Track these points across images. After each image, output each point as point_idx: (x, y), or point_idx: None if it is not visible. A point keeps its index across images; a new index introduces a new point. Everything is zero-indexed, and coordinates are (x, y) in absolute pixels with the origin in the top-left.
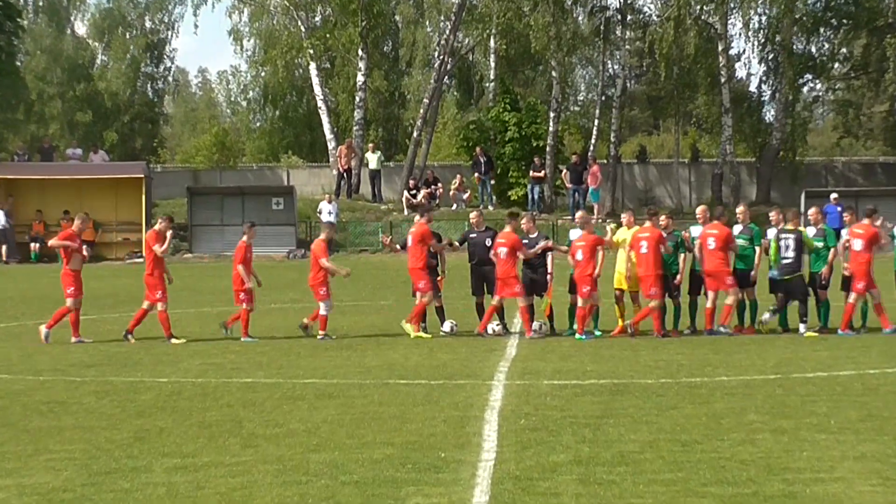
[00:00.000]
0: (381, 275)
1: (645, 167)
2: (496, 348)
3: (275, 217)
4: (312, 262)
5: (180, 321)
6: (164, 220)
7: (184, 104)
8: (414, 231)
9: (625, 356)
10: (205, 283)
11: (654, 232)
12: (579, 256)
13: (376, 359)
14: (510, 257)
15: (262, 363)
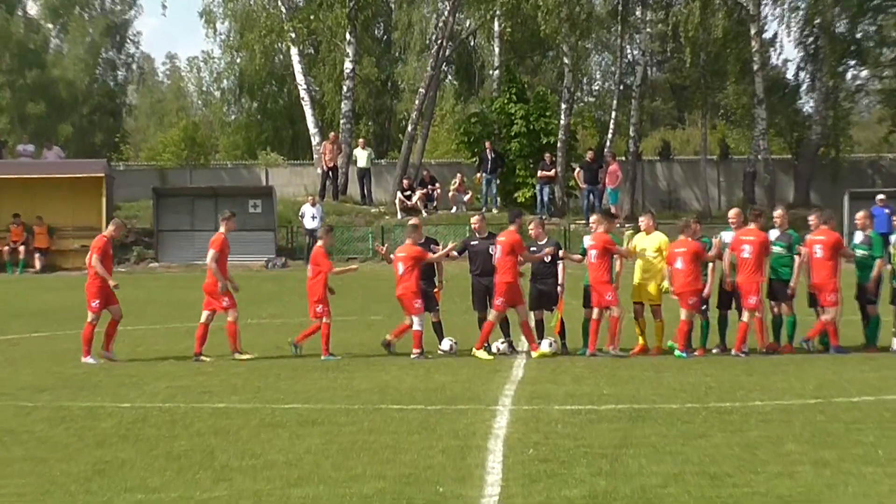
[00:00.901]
0: (371, 287)
1: (668, 165)
2: (501, 369)
3: (252, 221)
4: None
5: (145, 338)
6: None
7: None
8: (503, 240)
9: (646, 378)
10: (173, 295)
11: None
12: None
13: (366, 381)
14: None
15: (236, 386)
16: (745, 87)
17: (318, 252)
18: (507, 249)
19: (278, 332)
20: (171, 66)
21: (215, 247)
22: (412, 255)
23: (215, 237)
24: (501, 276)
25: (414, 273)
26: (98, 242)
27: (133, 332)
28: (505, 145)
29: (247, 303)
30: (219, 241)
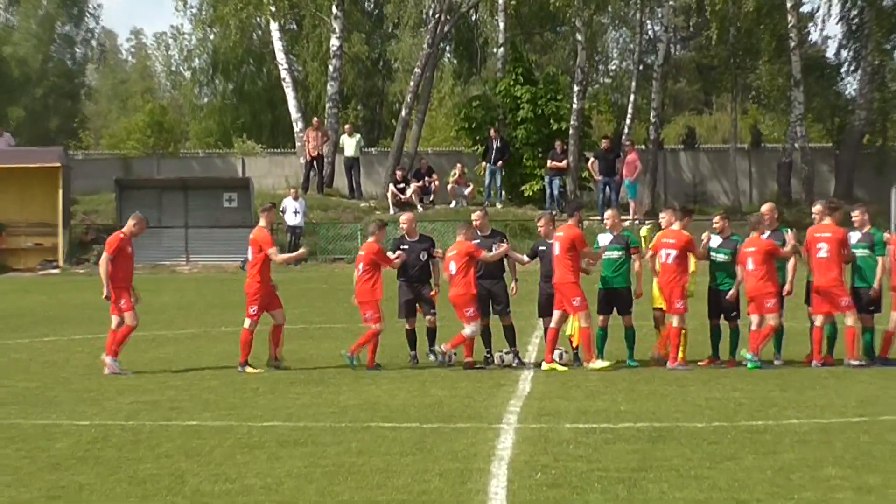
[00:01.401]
0: None
1: (694, 154)
2: (505, 383)
3: (226, 217)
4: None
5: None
6: None
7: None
8: (561, 235)
9: (668, 393)
10: None
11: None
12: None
13: (354, 396)
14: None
15: (209, 402)
16: (779, 66)
17: (373, 249)
18: (566, 246)
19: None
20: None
21: (268, 243)
22: (466, 253)
23: (261, 233)
24: (563, 277)
25: (469, 274)
26: (112, 240)
27: (93, 341)
28: (510, 132)
29: (220, 308)
30: (268, 237)
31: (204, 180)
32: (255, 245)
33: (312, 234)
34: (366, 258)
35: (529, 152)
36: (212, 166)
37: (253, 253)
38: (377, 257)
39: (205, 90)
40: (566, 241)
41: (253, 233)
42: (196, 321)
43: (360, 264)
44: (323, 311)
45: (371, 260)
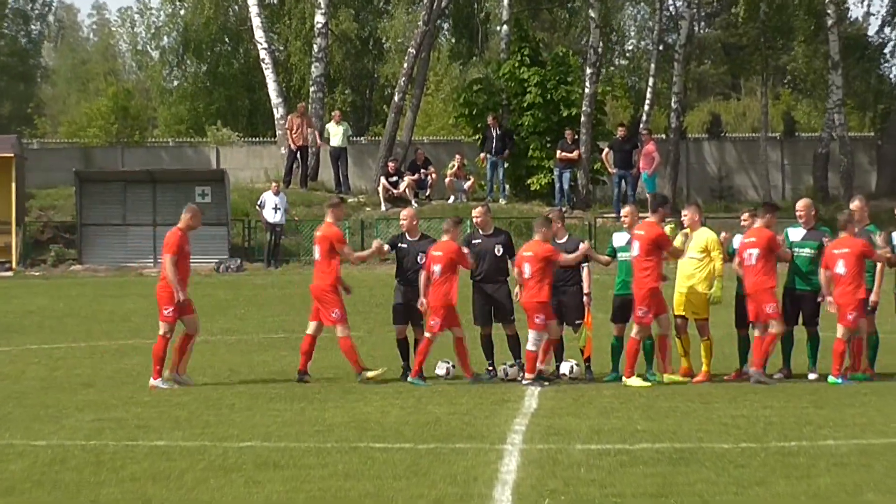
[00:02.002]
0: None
1: (719, 144)
2: (509, 399)
3: None
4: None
5: (66, 359)
6: None
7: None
8: (642, 234)
9: (690, 410)
10: (100, 306)
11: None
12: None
13: (341, 413)
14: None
15: (179, 419)
16: (815, 46)
17: (452, 249)
18: (648, 246)
19: (232, 350)
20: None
21: (341, 241)
22: (542, 255)
23: (330, 230)
24: (642, 281)
25: (544, 279)
26: (171, 238)
27: (50, 352)
28: (515, 119)
29: None
30: (340, 234)
31: (174, 173)
32: (324, 243)
33: (294, 232)
34: (444, 258)
35: (536, 142)
36: (183, 157)
37: (321, 252)
38: (457, 258)
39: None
40: (647, 241)
41: (321, 229)
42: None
43: (437, 265)
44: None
45: (450, 261)
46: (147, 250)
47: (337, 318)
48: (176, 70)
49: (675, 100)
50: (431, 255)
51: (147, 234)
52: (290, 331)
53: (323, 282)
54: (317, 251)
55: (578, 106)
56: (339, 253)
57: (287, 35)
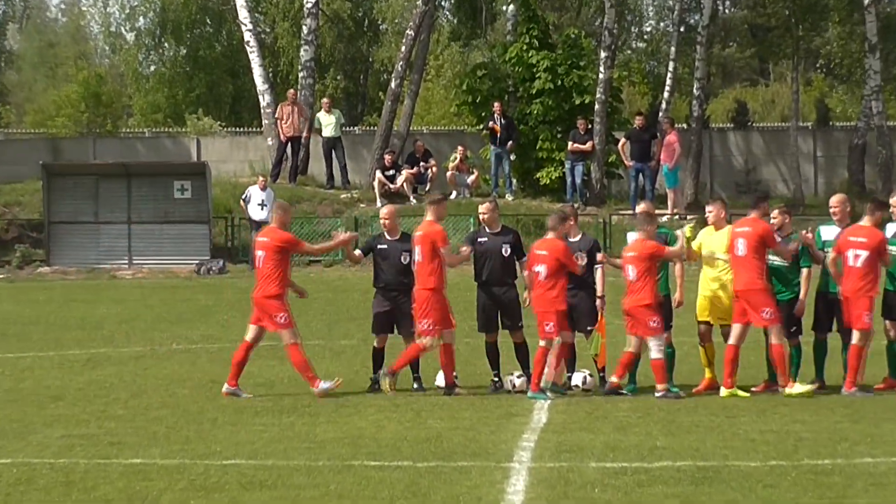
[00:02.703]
0: (339, 301)
1: (746, 135)
2: (517, 413)
3: (178, 210)
4: None
5: (33, 370)
6: None
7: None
8: (747, 231)
9: (715, 425)
10: (70, 311)
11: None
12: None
13: (333, 428)
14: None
15: (157, 435)
16: (851, 28)
17: (560, 248)
18: (755, 244)
19: (214, 360)
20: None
21: (445, 241)
22: (648, 253)
23: (434, 228)
24: (750, 283)
25: (651, 279)
26: (277, 237)
27: (16, 362)
28: (523, 108)
29: (170, 322)
30: (444, 234)
31: (150, 166)
32: (425, 243)
33: None
34: (550, 259)
35: (546, 132)
36: (160, 148)
37: (423, 252)
38: (565, 258)
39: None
40: (754, 238)
41: (421, 228)
42: (141, 337)
43: (541, 266)
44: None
45: (557, 262)
46: (121, 250)
47: (425, 330)
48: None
49: (698, 86)
50: (535, 254)
51: (121, 233)
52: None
53: (424, 286)
54: (418, 252)
55: (592, 93)
56: (438, 254)
57: (274, 15)
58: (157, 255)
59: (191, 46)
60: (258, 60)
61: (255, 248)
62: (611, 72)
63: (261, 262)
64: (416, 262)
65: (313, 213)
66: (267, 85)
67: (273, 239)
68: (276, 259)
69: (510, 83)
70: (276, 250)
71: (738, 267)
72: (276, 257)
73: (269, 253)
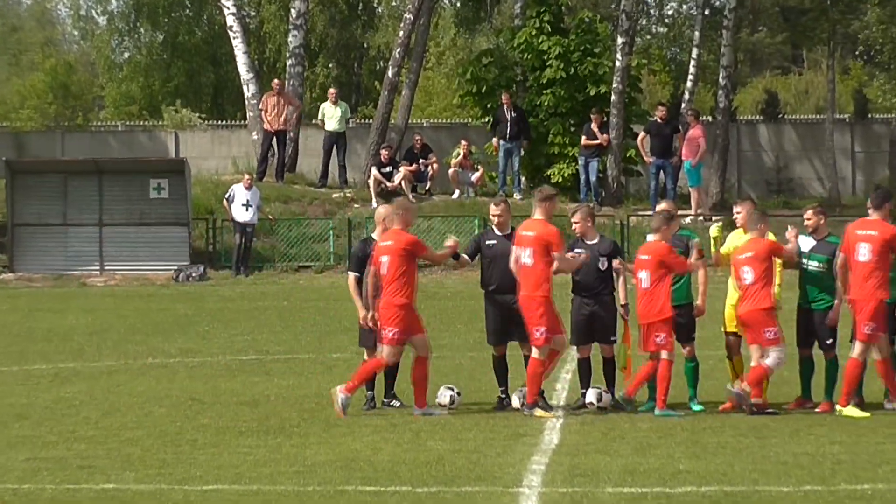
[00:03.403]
0: (332, 309)
1: (777, 128)
2: (526, 433)
3: (155, 211)
4: None
5: None
6: None
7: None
8: (873, 234)
9: (744, 447)
10: (35, 322)
11: None
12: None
13: (325, 450)
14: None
15: (131, 458)
16: (893, 10)
17: (664, 250)
18: (881, 248)
19: (193, 376)
20: None
21: (561, 244)
22: (769, 252)
23: (549, 229)
24: (869, 293)
25: (768, 282)
26: (403, 240)
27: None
28: (533, 99)
29: (145, 334)
30: (558, 232)
31: (124, 163)
32: (539, 244)
33: (269, 234)
34: (652, 262)
35: (558, 125)
36: (134, 144)
37: (535, 255)
38: (671, 261)
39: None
40: (880, 243)
41: (534, 228)
42: (113, 351)
43: (644, 271)
44: (283, 337)
45: (662, 265)
46: (92, 255)
47: (539, 338)
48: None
49: (724, 74)
50: (639, 259)
51: (92, 237)
52: (262, 352)
53: (534, 291)
54: (527, 254)
55: (608, 82)
56: (551, 256)
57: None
58: (132, 260)
59: (168, 32)
60: (242, 47)
61: (377, 253)
62: (628, 59)
63: (386, 269)
64: (522, 265)
65: (303, 213)
66: (252, 74)
67: (398, 241)
68: (404, 264)
69: (518, 72)
70: (401, 254)
71: (857, 275)
72: (403, 262)
73: (394, 257)
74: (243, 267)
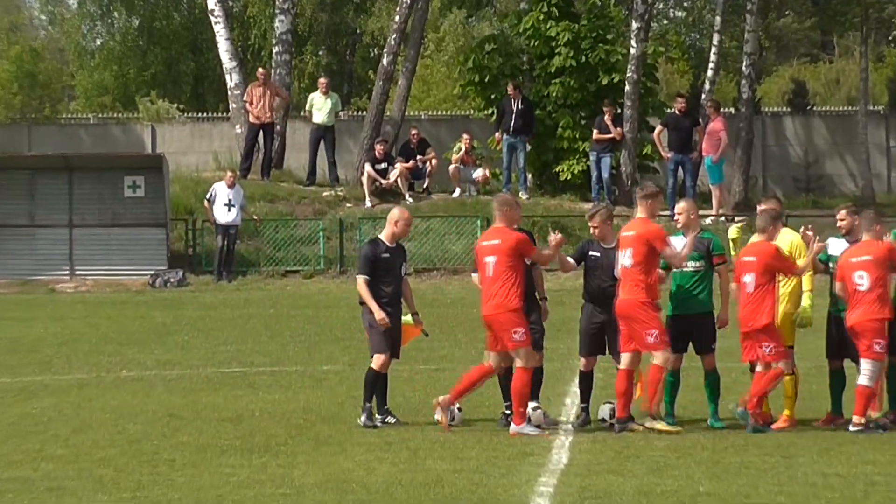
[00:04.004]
0: (321, 318)
1: (806, 120)
2: (532, 452)
3: (130, 211)
4: None
5: None
6: None
7: None
8: None
9: (768, 466)
10: (1, 331)
11: None
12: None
13: (315, 471)
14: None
15: (103, 479)
16: None
17: (771, 252)
18: None
19: (172, 389)
20: None
21: (662, 242)
22: (884, 254)
23: (649, 228)
24: None
25: (887, 288)
26: (511, 238)
27: None
28: (540, 89)
29: (119, 344)
30: (662, 232)
31: (96, 158)
32: (640, 244)
33: (254, 236)
34: (759, 265)
35: (567, 118)
36: (108, 137)
37: (635, 255)
38: (779, 263)
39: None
40: None
41: (635, 227)
42: (84, 362)
43: (749, 275)
44: (269, 347)
45: (770, 267)
46: (61, 259)
47: (654, 343)
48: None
49: (748, 63)
50: (742, 262)
51: (61, 239)
52: (247, 364)
53: (635, 296)
54: (628, 256)
55: (622, 71)
56: (660, 255)
57: None
58: (104, 264)
59: (144, 16)
60: (225, 33)
61: (480, 253)
62: (644, 46)
63: (491, 271)
64: (623, 267)
65: (290, 214)
66: (235, 62)
67: (505, 240)
68: (512, 264)
69: (524, 60)
70: (510, 254)
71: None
72: (511, 262)
73: (501, 257)
74: (226, 272)
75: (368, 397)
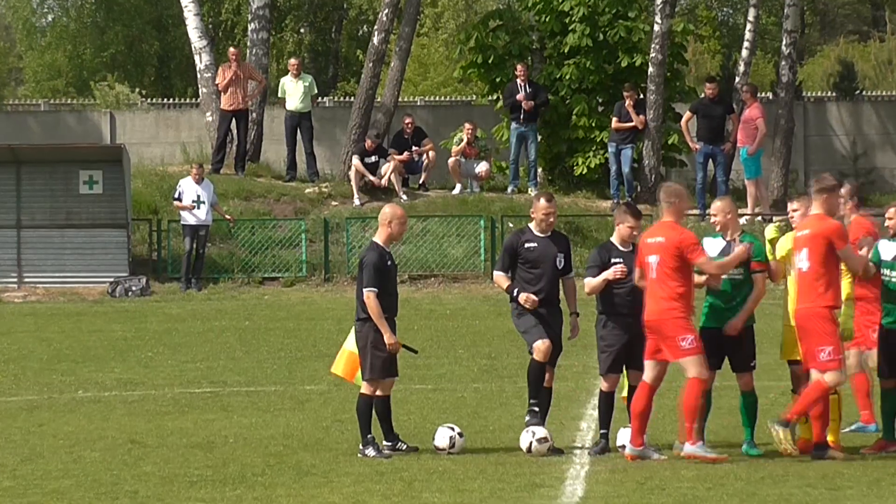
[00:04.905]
0: (304, 331)
1: (854, 107)
2: (543, 483)
3: (86, 210)
4: None
5: None
6: None
7: None
8: None
9: (811, 500)
10: None
11: None
12: None
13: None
14: None
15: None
16: None
17: None
18: None
19: (134, 412)
20: None
21: (842, 239)
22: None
23: (828, 226)
24: None
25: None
26: (679, 236)
27: None
28: (552, 71)
29: (74, 361)
30: (842, 229)
31: (47, 150)
32: (669, 251)
33: (226, 238)
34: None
35: (583, 104)
36: (60, 126)
37: (812, 256)
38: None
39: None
40: None
41: (809, 225)
42: (34, 382)
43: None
44: (244, 365)
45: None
46: (8, 263)
47: (826, 362)
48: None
49: (788, 42)
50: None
51: (8, 241)
52: (219, 383)
53: (816, 303)
54: (804, 258)
55: (645, 51)
56: (840, 257)
57: None
58: (57, 270)
59: None
60: (194, 8)
61: (643, 252)
62: (670, 23)
63: (654, 272)
64: (799, 271)
65: (268, 213)
66: (206, 41)
67: (671, 239)
68: (678, 266)
69: (534, 38)
70: (676, 254)
71: None
72: (677, 263)
73: (666, 258)
74: (195, 279)
75: (367, 427)
